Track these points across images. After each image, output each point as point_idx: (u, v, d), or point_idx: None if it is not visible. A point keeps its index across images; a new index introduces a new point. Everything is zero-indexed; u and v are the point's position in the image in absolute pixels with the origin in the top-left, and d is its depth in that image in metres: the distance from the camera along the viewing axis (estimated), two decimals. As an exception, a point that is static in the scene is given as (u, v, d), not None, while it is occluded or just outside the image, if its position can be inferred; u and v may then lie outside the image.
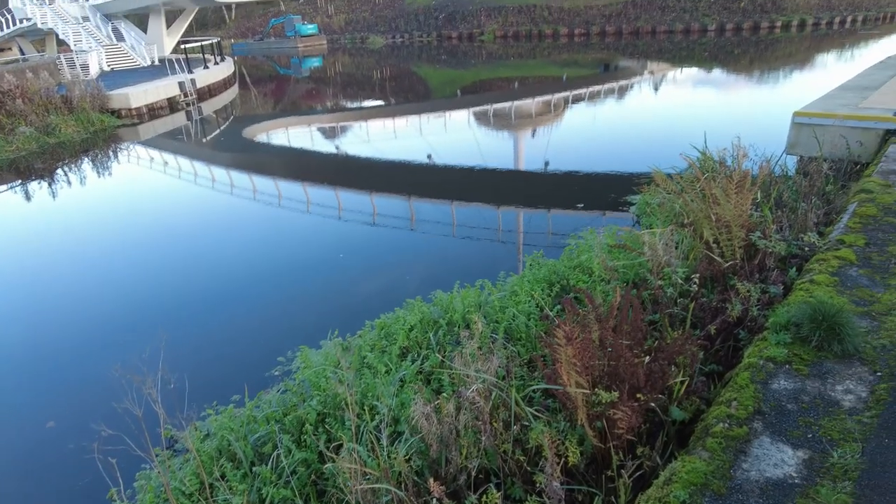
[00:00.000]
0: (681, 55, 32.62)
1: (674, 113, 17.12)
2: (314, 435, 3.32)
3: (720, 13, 41.86)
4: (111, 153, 15.35)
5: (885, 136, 7.11)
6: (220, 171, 13.32)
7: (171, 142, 16.65)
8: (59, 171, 13.63)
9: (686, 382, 2.93)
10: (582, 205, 9.28)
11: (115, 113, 18.57)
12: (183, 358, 5.55)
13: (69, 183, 12.70)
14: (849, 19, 40.98)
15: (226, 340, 6.08)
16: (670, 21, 42.36)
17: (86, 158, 14.73)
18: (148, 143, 16.41)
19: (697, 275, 4.01)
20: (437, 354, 3.92)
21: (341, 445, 3.00)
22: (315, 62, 40.91)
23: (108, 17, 33.10)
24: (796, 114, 7.80)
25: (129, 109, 18.77)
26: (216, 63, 27.55)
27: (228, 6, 57.77)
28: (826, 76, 20.10)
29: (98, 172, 13.57)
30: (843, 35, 35.76)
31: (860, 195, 5.27)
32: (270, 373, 4.70)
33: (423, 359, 4.00)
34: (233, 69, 29.83)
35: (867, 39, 32.46)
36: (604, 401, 2.57)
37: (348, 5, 58.28)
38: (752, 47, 33.42)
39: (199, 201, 11.39)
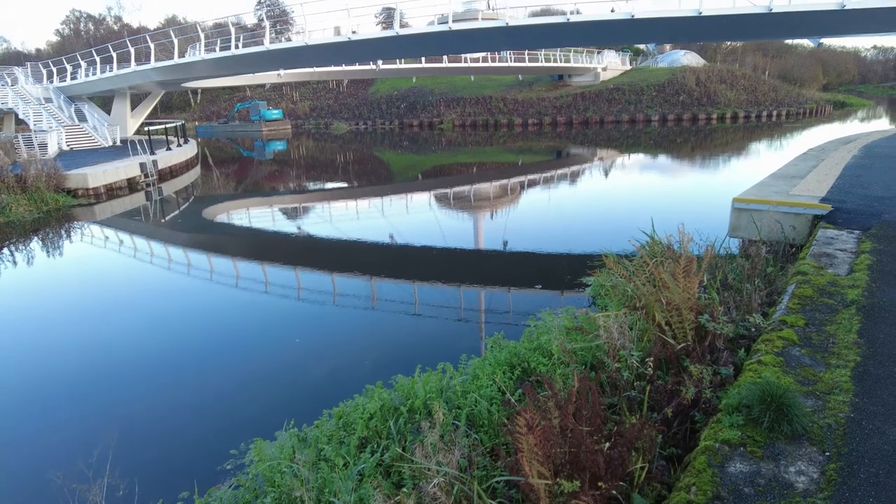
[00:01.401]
0: (627, 143, 34.95)
1: (623, 196, 18.10)
2: (266, 537, 3.13)
3: (662, 105, 45.65)
4: (63, 233, 14.94)
5: (814, 221, 7.69)
6: (178, 252, 13.10)
7: (127, 221, 16.38)
8: (5, 250, 13.14)
9: (646, 468, 2.94)
10: (540, 285, 9.50)
11: (72, 193, 18.28)
12: (130, 451, 5.20)
13: (14, 263, 12.22)
14: (774, 113, 45.58)
15: (175, 431, 5.75)
16: (617, 112, 45.79)
17: (34, 238, 14.29)
18: (103, 223, 16.08)
19: (652, 357, 4.12)
20: (398, 446, 3.82)
21: (295, 548, 2.84)
22: (279, 146, 41.75)
23: (72, 99, 33.38)
24: (735, 200, 8.39)
25: (87, 189, 18.53)
26: (179, 145, 27.83)
27: (194, 90, 59.24)
28: (758, 163, 21.90)
29: (47, 252, 13.14)
30: (771, 127, 39.40)
31: (797, 277, 5.62)
32: (223, 466, 4.44)
33: (384, 450, 3.88)
34: (196, 151, 30.11)
35: (791, 131, 35.80)
36: (566, 491, 2.55)
37: (313, 93, 60.71)
38: (692, 136, 36.22)
39: (151, 283, 11.07)
